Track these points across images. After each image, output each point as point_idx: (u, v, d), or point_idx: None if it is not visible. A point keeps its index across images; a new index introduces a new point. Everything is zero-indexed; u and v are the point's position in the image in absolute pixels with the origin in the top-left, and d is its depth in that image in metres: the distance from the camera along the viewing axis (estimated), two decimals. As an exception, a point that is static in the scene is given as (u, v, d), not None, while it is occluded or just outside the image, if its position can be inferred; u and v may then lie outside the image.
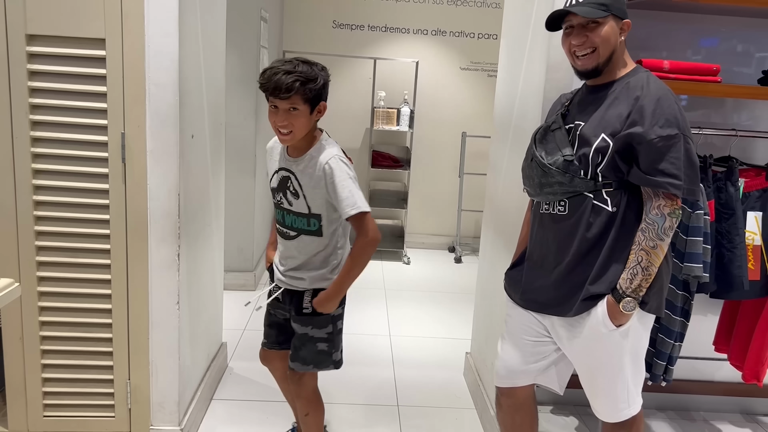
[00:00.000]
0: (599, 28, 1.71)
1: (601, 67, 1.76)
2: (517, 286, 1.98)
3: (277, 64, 1.86)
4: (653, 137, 1.64)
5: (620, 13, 1.73)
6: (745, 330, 2.47)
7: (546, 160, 1.79)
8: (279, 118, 1.86)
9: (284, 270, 2.09)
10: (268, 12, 4.42)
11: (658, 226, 1.67)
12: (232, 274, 4.14)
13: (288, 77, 1.81)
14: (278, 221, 2.08)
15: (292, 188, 1.99)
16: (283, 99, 1.83)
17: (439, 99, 5.47)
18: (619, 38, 1.74)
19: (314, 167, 1.94)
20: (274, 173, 2.07)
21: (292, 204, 2.00)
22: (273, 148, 2.12)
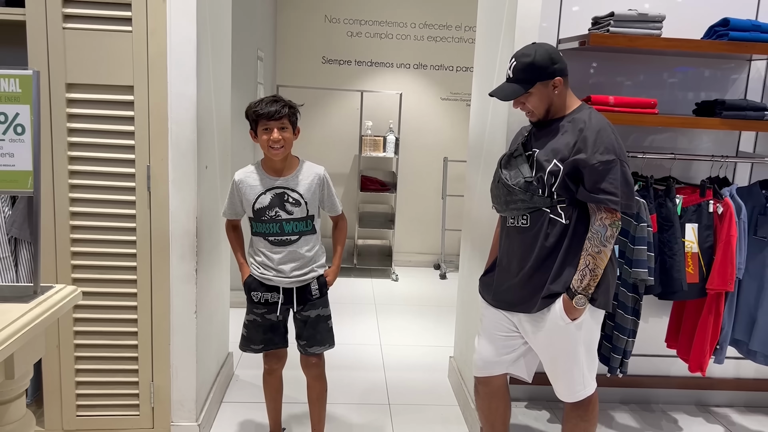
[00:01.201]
0: (530, 96, 2.12)
1: (542, 119, 2.16)
2: (489, 289, 2.34)
3: (264, 99, 2.41)
4: (595, 162, 2.01)
5: (547, 76, 2.08)
6: (690, 327, 2.83)
7: (510, 182, 2.15)
8: (274, 136, 2.36)
9: (291, 272, 2.47)
10: (264, 51, 4.80)
11: (601, 235, 2.04)
12: (233, 293, 4.43)
13: (277, 104, 2.37)
14: (274, 233, 2.45)
15: (292, 199, 2.44)
16: (276, 120, 2.35)
17: (422, 127, 5.87)
18: (552, 94, 2.11)
19: (311, 178, 2.47)
20: (259, 195, 2.44)
21: (292, 212, 2.44)
22: (244, 180, 2.49)
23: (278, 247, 2.47)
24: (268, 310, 2.54)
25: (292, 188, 2.45)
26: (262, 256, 2.50)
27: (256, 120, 2.40)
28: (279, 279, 2.49)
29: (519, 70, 2.10)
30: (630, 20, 2.55)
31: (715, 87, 2.99)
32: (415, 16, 5.71)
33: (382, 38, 5.73)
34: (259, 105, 2.38)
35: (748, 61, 2.97)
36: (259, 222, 2.47)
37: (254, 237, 2.53)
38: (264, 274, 2.51)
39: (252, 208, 2.47)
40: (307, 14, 5.65)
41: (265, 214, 2.45)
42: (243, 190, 2.48)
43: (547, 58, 2.08)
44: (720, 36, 2.63)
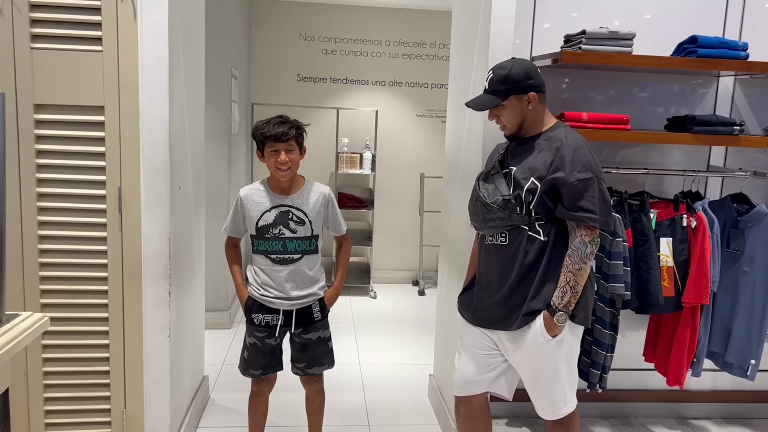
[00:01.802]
0: (504, 109, 2.14)
1: (515, 134, 2.18)
2: (468, 307, 2.32)
3: (271, 120, 2.41)
4: (573, 180, 2.01)
5: (522, 90, 2.10)
6: (667, 341, 2.84)
7: (489, 200, 2.15)
8: (282, 157, 2.36)
9: (292, 292, 2.46)
10: (238, 69, 4.78)
11: (581, 252, 2.04)
12: (209, 314, 4.36)
13: (284, 126, 2.38)
14: (276, 251, 2.45)
15: (296, 218, 2.45)
16: (283, 142, 2.36)
17: (398, 144, 5.88)
18: (526, 109, 2.12)
19: (315, 197, 2.49)
20: (263, 213, 2.45)
21: (296, 231, 2.45)
22: (250, 195, 2.49)
23: (280, 266, 2.46)
24: (268, 334, 2.52)
25: (298, 207, 2.46)
26: (263, 275, 2.49)
27: (263, 141, 2.40)
28: (280, 301, 2.48)
29: (495, 81, 2.12)
30: (601, 38, 2.59)
31: (684, 102, 3.04)
32: (390, 34, 5.74)
33: (357, 56, 5.74)
34: (266, 127, 2.39)
35: (717, 77, 3.03)
36: (261, 239, 2.47)
37: (255, 255, 2.51)
38: (264, 296, 2.49)
39: (255, 225, 2.47)
40: (282, 32, 5.65)
41: (268, 232, 2.45)
42: (247, 206, 2.48)
43: (522, 72, 2.10)
44: (689, 53, 2.67)
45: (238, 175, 4.91)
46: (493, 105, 2.13)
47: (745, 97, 3.05)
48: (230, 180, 4.50)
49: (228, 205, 4.48)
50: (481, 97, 2.18)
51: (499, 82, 2.11)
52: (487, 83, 2.15)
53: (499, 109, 2.15)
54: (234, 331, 4.51)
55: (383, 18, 5.72)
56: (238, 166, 4.94)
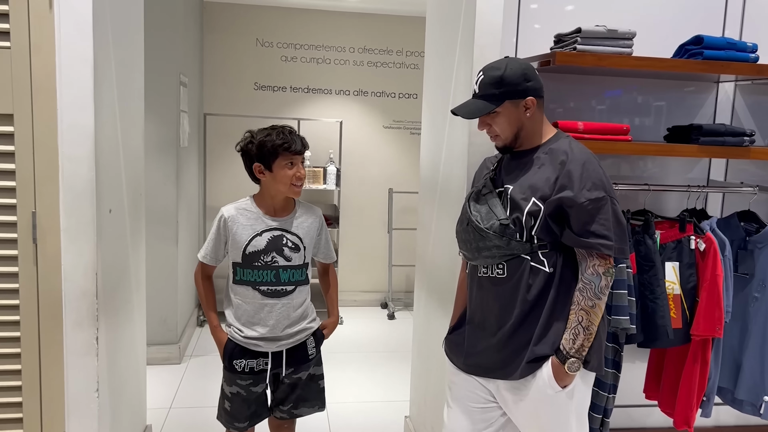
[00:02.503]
0: (497, 116, 1.81)
1: (510, 145, 1.86)
2: (458, 351, 1.97)
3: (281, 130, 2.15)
4: (583, 200, 1.70)
5: (518, 95, 1.79)
6: (672, 377, 2.54)
7: (483, 225, 1.81)
8: (302, 171, 2.16)
9: (283, 331, 2.16)
10: (187, 76, 4.36)
11: (594, 286, 1.72)
12: (156, 348, 3.93)
13: (297, 136, 2.16)
14: (267, 282, 2.14)
15: (290, 243, 2.16)
16: (300, 154, 2.15)
17: (365, 157, 5.53)
18: (524, 116, 1.81)
19: (310, 220, 2.24)
20: (254, 237, 2.13)
21: (291, 259, 2.16)
22: (236, 216, 2.17)
23: (271, 299, 2.15)
24: (253, 381, 2.21)
25: (292, 231, 2.19)
26: (250, 312, 2.16)
27: (274, 153, 2.11)
28: (268, 343, 2.16)
29: (487, 84, 1.79)
30: (598, 37, 2.28)
31: (681, 110, 2.76)
32: (354, 41, 5.40)
33: (320, 63, 5.38)
34: (280, 136, 2.12)
35: (716, 82, 2.76)
36: (249, 268, 2.14)
37: (238, 287, 2.17)
38: (249, 340, 2.16)
39: (242, 251, 2.13)
40: (237, 37, 5.24)
41: (258, 260, 2.14)
42: (234, 229, 2.16)
43: (519, 73, 1.78)
44: (693, 55, 2.39)
45: (188, 192, 4.47)
46: (485, 111, 1.80)
47: (746, 105, 2.79)
48: (179, 198, 4.07)
49: (177, 227, 4.04)
50: (471, 102, 1.84)
51: (492, 85, 1.79)
52: (476, 86, 1.82)
53: (491, 116, 1.82)
54: (184, 366, 4.05)
55: (347, 23, 5.37)
56: (188, 183, 4.50)
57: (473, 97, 1.85)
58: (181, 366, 4.05)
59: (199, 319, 4.83)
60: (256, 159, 2.16)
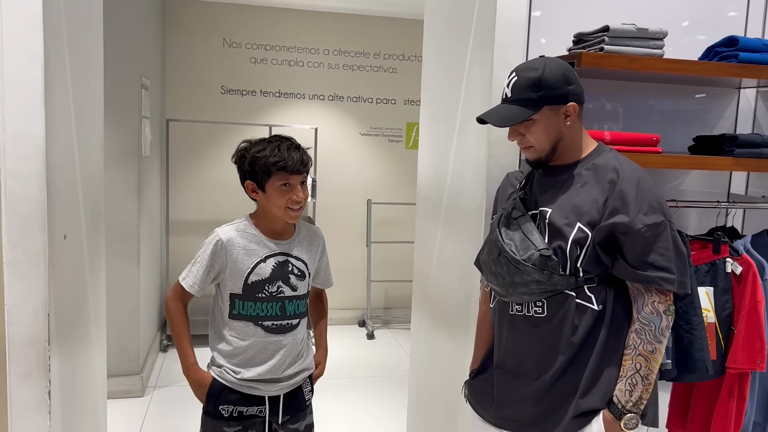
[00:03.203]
0: (533, 125, 1.55)
1: (545, 158, 1.59)
2: (486, 401, 1.69)
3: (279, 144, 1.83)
4: (640, 227, 1.46)
5: (558, 100, 1.54)
6: (702, 412, 2.30)
7: (519, 256, 1.53)
8: (300, 194, 1.83)
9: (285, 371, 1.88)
10: (149, 78, 3.98)
11: (654, 327, 1.47)
12: (115, 380, 3.53)
13: (299, 151, 1.83)
14: (272, 316, 1.85)
15: (296, 270, 1.90)
16: (300, 173, 1.83)
17: (341, 166, 5.22)
18: (563, 124, 1.56)
19: (313, 243, 1.97)
20: (257, 263, 1.85)
21: (297, 288, 1.89)
22: (236, 240, 1.86)
23: (276, 336, 1.87)
24: (243, 428, 1.89)
25: (297, 255, 1.92)
26: (247, 352, 1.86)
27: (268, 172, 1.80)
28: (268, 385, 1.86)
29: (522, 87, 1.53)
30: (628, 36, 2.04)
31: (700, 119, 2.55)
32: (328, 42, 5.09)
33: (292, 66, 5.05)
34: (276, 152, 1.80)
35: (737, 88, 2.56)
36: (251, 300, 1.84)
37: (235, 322, 1.86)
38: (244, 381, 1.84)
39: (244, 281, 1.84)
40: (202, 37, 4.87)
41: (263, 290, 1.85)
42: (234, 254, 1.85)
43: (560, 75, 1.53)
44: (725, 57, 2.17)
45: (150, 206, 4.08)
46: (522, 118, 1.53)
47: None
48: (140, 212, 3.68)
49: (138, 244, 3.65)
50: (503, 108, 1.57)
51: (529, 88, 1.52)
52: (509, 89, 1.56)
53: (525, 124, 1.55)
54: (148, 399, 3.66)
55: (321, 24, 5.06)
56: (150, 196, 4.11)
57: (504, 102, 1.57)
58: (144, 399, 3.66)
59: (162, 343, 4.43)
60: (248, 176, 1.86)
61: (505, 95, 1.57)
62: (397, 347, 4.76)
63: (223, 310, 1.88)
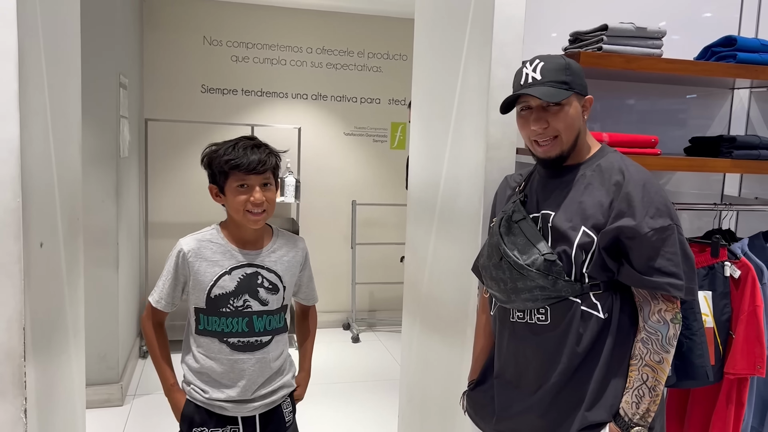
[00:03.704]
0: (561, 110, 1.48)
1: (566, 154, 1.52)
2: (486, 413, 1.63)
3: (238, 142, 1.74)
4: (647, 230, 1.40)
5: (582, 89, 1.51)
6: (700, 418, 2.27)
7: (522, 261, 1.47)
8: (256, 197, 1.70)
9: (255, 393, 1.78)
10: (127, 77, 3.85)
11: (662, 336, 1.43)
12: (93, 389, 3.40)
13: (260, 151, 1.72)
14: (238, 332, 1.75)
15: (267, 283, 1.78)
16: (259, 173, 1.71)
17: (325, 166, 5.13)
18: (582, 118, 1.52)
19: (291, 253, 1.86)
20: (220, 275, 1.75)
21: (267, 302, 1.78)
22: (199, 251, 1.77)
23: (241, 354, 1.76)
24: None
25: (269, 267, 1.80)
26: (216, 368, 1.77)
27: (226, 172, 1.72)
28: (238, 405, 1.76)
29: (554, 70, 1.46)
30: (626, 36, 2.00)
31: (694, 119, 2.53)
32: (311, 41, 4.99)
33: (274, 64, 4.94)
34: (233, 151, 1.71)
35: (731, 89, 2.54)
36: (215, 315, 1.74)
37: (201, 338, 1.76)
38: (213, 401, 1.75)
39: (206, 294, 1.75)
40: (182, 35, 4.74)
41: (227, 305, 1.75)
42: (195, 266, 1.76)
43: (580, 68, 1.51)
44: (722, 57, 2.14)
45: (128, 208, 3.95)
46: (564, 97, 1.45)
47: (761, 114, 2.58)
48: (119, 215, 3.56)
49: (117, 248, 3.53)
50: (540, 87, 1.46)
51: (560, 71, 1.47)
52: (537, 74, 1.47)
53: (554, 110, 1.47)
54: (128, 408, 3.55)
55: (304, 21, 4.96)
56: (129, 198, 3.98)
57: (533, 86, 1.47)
58: (123, 408, 3.54)
59: (142, 350, 4.31)
60: (210, 179, 1.78)
61: (532, 79, 1.47)
62: (383, 350, 4.69)
63: (191, 325, 1.80)
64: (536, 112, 1.48)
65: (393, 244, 4.95)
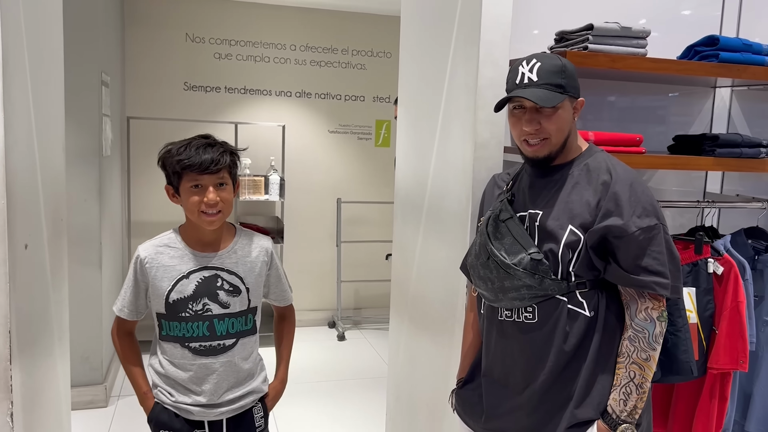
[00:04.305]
0: (554, 113, 1.48)
1: (554, 155, 1.53)
2: (474, 411, 1.64)
3: (191, 141, 1.71)
4: (634, 230, 1.42)
5: (575, 92, 1.52)
6: (685, 412, 2.31)
7: (509, 260, 1.48)
8: (209, 197, 1.67)
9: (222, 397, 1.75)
10: (109, 75, 3.81)
11: (648, 334, 1.44)
12: (78, 390, 3.37)
13: (213, 150, 1.68)
14: (199, 337, 1.72)
15: (228, 285, 1.75)
16: (212, 173, 1.67)
17: (310, 164, 5.11)
18: (572, 120, 1.53)
19: (254, 254, 1.81)
20: (178, 280, 1.73)
21: (228, 305, 1.75)
22: (156, 256, 1.74)
23: (204, 358, 1.74)
24: None
25: (229, 269, 1.76)
26: (178, 373, 1.73)
27: (179, 172, 1.69)
28: (204, 410, 1.73)
29: (550, 72, 1.47)
30: (612, 35, 2.01)
31: (676, 118, 2.56)
32: (295, 38, 4.97)
33: (257, 62, 4.91)
34: (185, 151, 1.68)
35: (713, 87, 2.57)
36: (175, 321, 1.71)
37: (164, 343, 1.74)
38: (179, 404, 1.73)
39: (165, 300, 1.73)
40: (164, 32, 4.69)
41: (186, 309, 1.73)
42: (152, 272, 1.74)
43: (575, 69, 1.52)
44: (705, 57, 2.17)
45: (111, 207, 3.91)
46: (559, 101, 1.46)
47: (742, 112, 2.62)
48: (102, 215, 3.52)
49: (100, 248, 3.49)
50: (536, 89, 1.46)
51: (557, 74, 1.47)
52: (534, 74, 1.47)
53: (547, 112, 1.47)
54: (112, 409, 3.51)
55: (287, 18, 4.93)
56: (112, 197, 3.94)
57: (530, 86, 1.47)
58: (108, 410, 3.51)
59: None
60: (167, 180, 1.76)
61: (528, 80, 1.47)
62: (369, 348, 4.70)
63: (156, 330, 1.78)
64: (529, 113, 1.49)
65: (378, 241, 4.95)
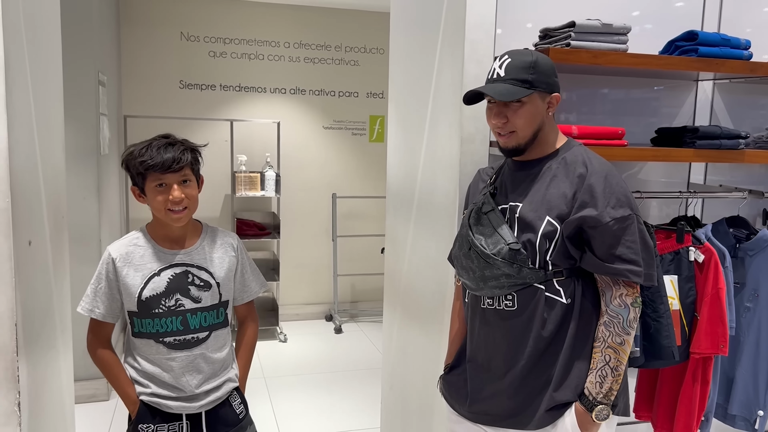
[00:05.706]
0: (521, 107, 1.54)
1: (523, 147, 1.60)
2: (460, 396, 1.70)
3: (152, 142, 1.75)
4: (608, 220, 1.49)
5: (547, 87, 1.57)
6: (668, 396, 2.38)
7: (489, 250, 1.55)
8: (175, 194, 1.71)
9: (198, 388, 1.78)
10: (106, 74, 3.86)
11: (623, 319, 1.51)
12: (80, 384, 3.41)
13: (174, 149, 1.72)
14: (173, 331, 1.76)
15: (199, 280, 1.79)
16: (175, 172, 1.71)
17: (305, 160, 5.18)
18: (546, 114, 1.58)
19: (222, 249, 1.85)
20: (150, 277, 1.76)
21: (201, 299, 1.79)
22: (126, 256, 1.78)
23: (179, 352, 1.77)
24: None
25: (199, 264, 1.80)
26: (152, 368, 1.76)
27: (143, 173, 1.73)
28: (181, 404, 1.77)
29: (516, 67, 1.53)
30: (593, 32, 2.08)
31: (659, 111, 2.62)
32: (288, 35, 5.03)
33: (252, 59, 4.97)
34: (147, 152, 1.71)
35: (695, 81, 2.64)
36: (148, 318, 1.75)
37: (137, 340, 1.78)
38: (155, 399, 1.76)
39: (137, 298, 1.75)
40: (159, 30, 4.75)
41: (159, 305, 1.76)
42: (124, 271, 1.76)
43: (549, 65, 1.57)
44: (685, 52, 2.24)
45: (110, 205, 3.98)
46: (521, 95, 1.52)
47: (724, 105, 2.68)
48: (101, 213, 3.59)
49: (99, 245, 3.55)
50: (499, 85, 1.54)
51: (524, 69, 1.53)
52: (502, 70, 1.54)
53: (513, 107, 1.54)
54: (114, 402, 3.59)
55: (281, 16, 4.99)
56: (110, 195, 4.00)
57: (497, 80, 1.55)
58: (110, 403, 3.58)
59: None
60: (131, 181, 1.79)
61: (496, 75, 1.55)
62: (366, 341, 4.78)
63: (128, 328, 1.81)
64: (497, 107, 1.56)
65: (373, 236, 5.02)
